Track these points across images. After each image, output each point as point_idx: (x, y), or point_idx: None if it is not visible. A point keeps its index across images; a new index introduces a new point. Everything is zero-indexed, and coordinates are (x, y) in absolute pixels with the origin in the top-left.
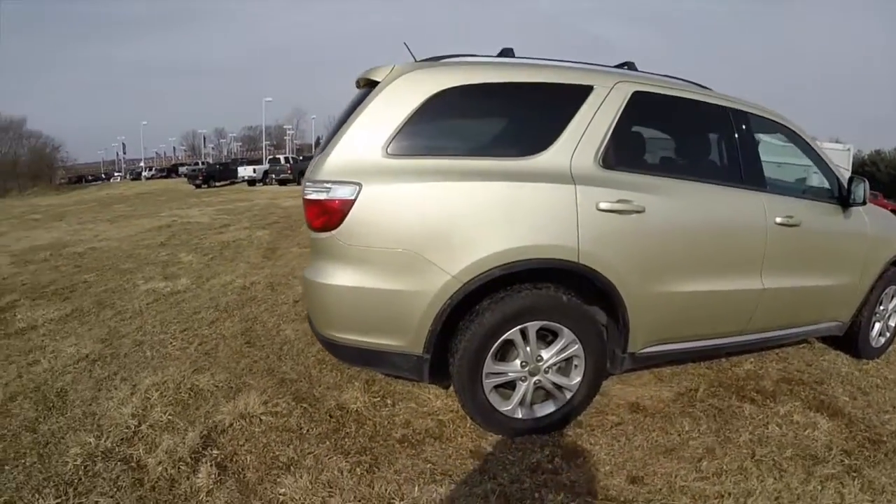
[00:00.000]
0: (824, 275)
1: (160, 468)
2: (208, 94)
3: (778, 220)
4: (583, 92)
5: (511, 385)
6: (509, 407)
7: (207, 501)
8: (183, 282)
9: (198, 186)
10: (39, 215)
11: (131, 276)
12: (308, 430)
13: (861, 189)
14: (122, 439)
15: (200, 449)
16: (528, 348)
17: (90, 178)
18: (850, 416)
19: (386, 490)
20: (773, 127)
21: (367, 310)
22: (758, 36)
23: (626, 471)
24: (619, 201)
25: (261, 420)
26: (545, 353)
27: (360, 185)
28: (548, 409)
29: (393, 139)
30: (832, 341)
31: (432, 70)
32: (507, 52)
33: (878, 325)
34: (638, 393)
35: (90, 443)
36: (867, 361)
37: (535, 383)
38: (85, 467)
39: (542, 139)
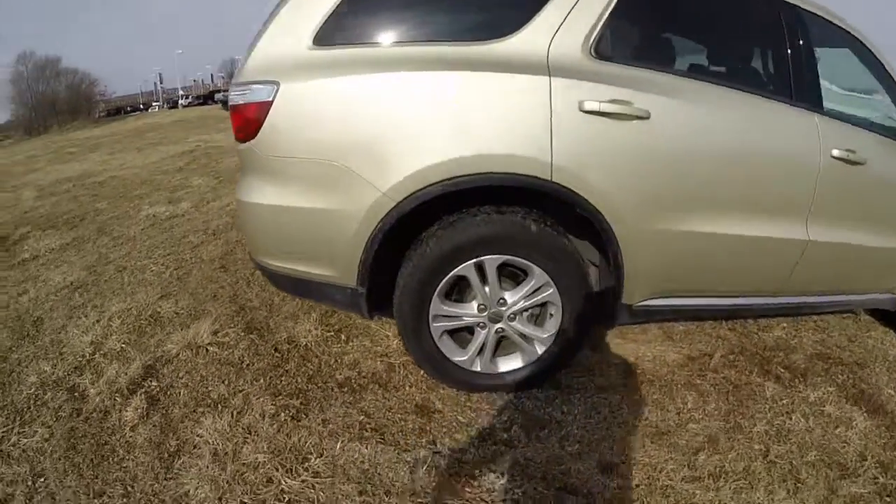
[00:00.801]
0: (889, 234)
1: (98, 399)
2: (245, 19)
3: (836, 153)
4: None
5: (470, 331)
6: (464, 357)
7: (130, 437)
8: (184, 206)
9: None
10: (76, 148)
11: (139, 202)
12: (249, 365)
13: None
14: (74, 368)
15: (140, 380)
16: (486, 289)
17: (129, 109)
18: (893, 416)
19: (304, 443)
20: (835, 35)
21: (291, 233)
22: None
23: (598, 454)
24: (612, 101)
25: (206, 351)
26: (510, 296)
27: (277, 83)
28: (514, 363)
29: (322, 25)
30: (881, 315)
31: None
32: None
33: None
34: (638, 351)
35: (46, 371)
36: None
37: (497, 332)
38: (36, 396)
39: (512, 18)
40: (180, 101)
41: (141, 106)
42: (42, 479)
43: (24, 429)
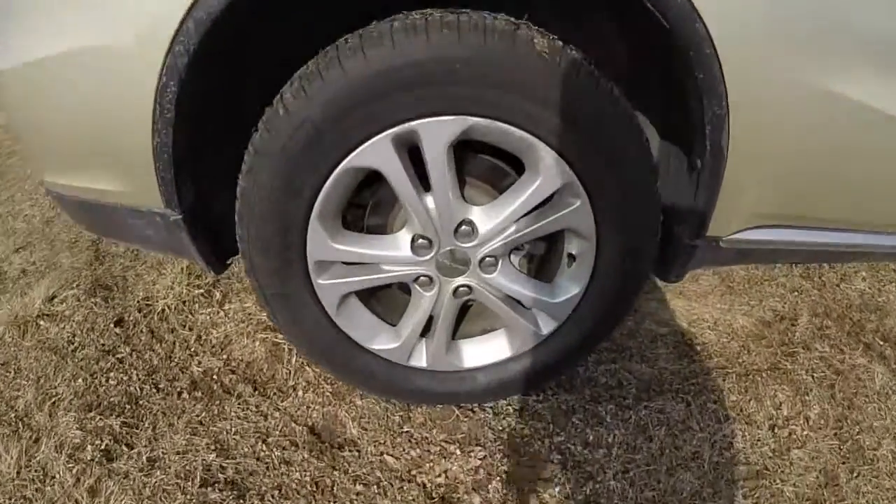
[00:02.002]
0: None
1: None
2: None
3: None
4: None
5: (405, 290)
6: (394, 344)
7: None
8: None
9: None
10: None
11: None
12: (76, 350)
13: None
14: None
15: None
16: (427, 200)
17: None
18: None
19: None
20: None
21: (54, 111)
22: None
23: None
24: None
25: (37, 327)
26: (482, 217)
27: None
28: (493, 352)
29: None
30: None
31: None
32: None
33: None
34: (692, 311)
35: None
36: None
37: (457, 293)
38: None
39: None
40: None
41: None
42: None
43: None
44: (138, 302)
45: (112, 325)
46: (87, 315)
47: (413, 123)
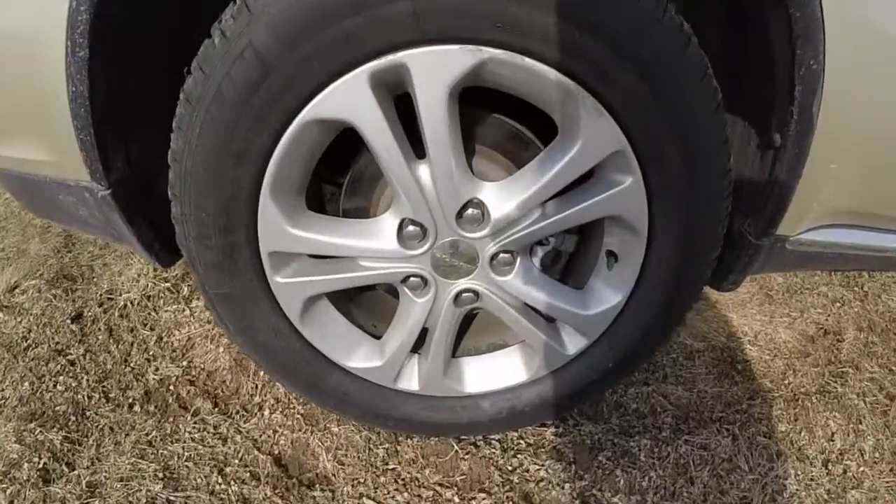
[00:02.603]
0: None
1: None
2: None
3: None
4: None
5: (393, 293)
6: (376, 362)
7: None
8: None
9: None
10: None
11: None
12: (29, 347)
13: None
14: None
15: None
16: (420, 171)
17: None
18: None
19: None
20: None
21: None
22: None
23: None
24: None
25: None
26: (495, 196)
27: None
28: (503, 375)
29: None
30: None
31: None
32: None
33: None
34: (731, 323)
35: None
36: None
37: (459, 299)
38: None
39: None
40: None
41: None
42: None
43: None
44: (101, 295)
45: (69, 321)
46: (46, 308)
47: (401, 54)
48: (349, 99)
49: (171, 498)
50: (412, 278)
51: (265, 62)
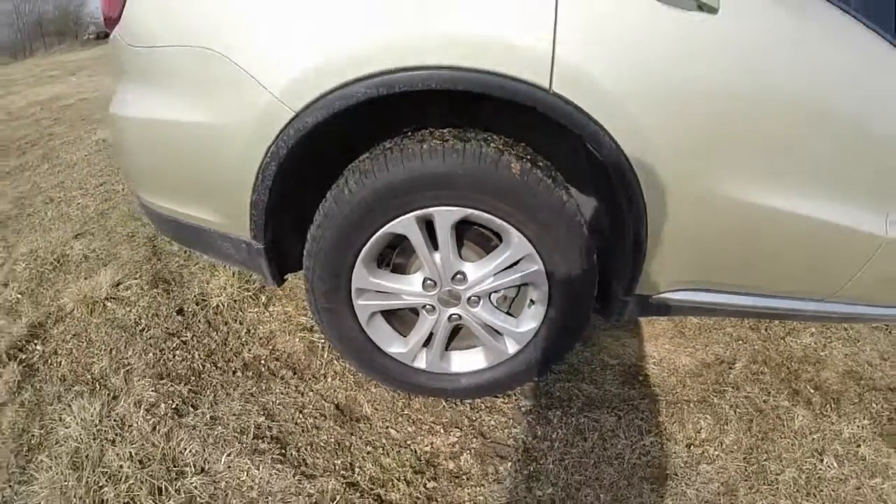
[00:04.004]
0: None
1: None
2: None
3: None
4: None
5: (415, 312)
6: (403, 349)
7: None
8: None
9: None
10: (57, 71)
11: (97, 126)
12: (144, 330)
13: None
14: None
15: (24, 343)
16: (436, 257)
17: None
18: None
19: (183, 450)
20: None
21: (165, 158)
22: None
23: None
24: None
25: (104, 307)
26: (472, 270)
27: None
28: (474, 362)
29: None
30: None
31: None
32: None
33: None
34: (642, 349)
35: None
36: None
37: (452, 318)
38: None
39: None
40: None
41: None
42: None
43: None
44: (195, 296)
45: (174, 313)
46: (151, 303)
47: (431, 209)
48: (406, 226)
49: (270, 425)
50: (427, 306)
51: (370, 207)
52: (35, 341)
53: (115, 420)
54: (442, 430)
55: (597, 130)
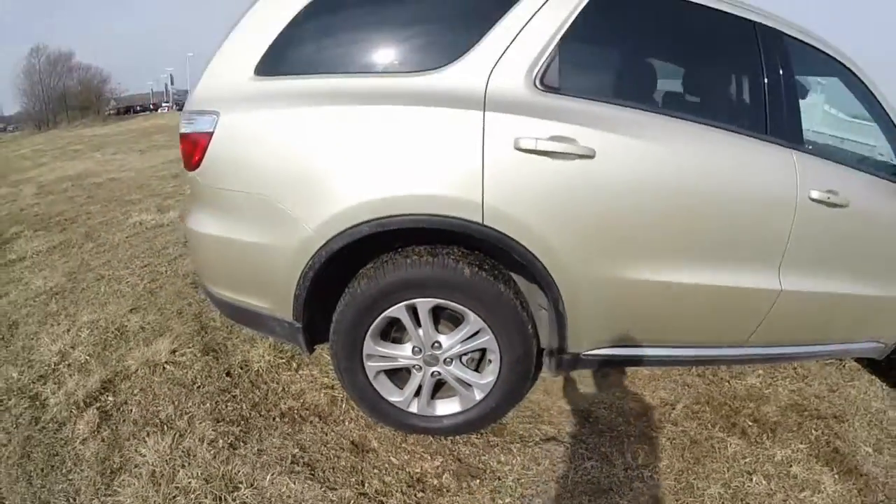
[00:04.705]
0: (870, 280)
1: (56, 409)
2: None
3: (815, 194)
4: None
5: (409, 371)
6: (400, 398)
7: (80, 450)
8: (171, 215)
9: None
10: (81, 146)
11: (130, 208)
12: (199, 387)
13: None
14: (39, 376)
15: (97, 394)
16: (419, 331)
17: (139, 108)
18: (867, 478)
19: (237, 472)
20: (822, 63)
21: (231, 264)
22: None
23: None
24: (553, 138)
25: (163, 369)
26: (445, 340)
27: (217, 114)
28: (452, 407)
29: (266, 54)
30: (868, 363)
31: None
32: None
33: None
34: (594, 397)
35: (13, 377)
36: None
37: (433, 374)
38: (0, 402)
39: (451, 47)
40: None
41: (151, 106)
42: None
43: None
44: (239, 362)
45: (224, 375)
46: (204, 367)
47: (414, 300)
48: (398, 311)
49: (303, 455)
50: (416, 366)
51: (375, 300)
52: (107, 393)
53: (183, 451)
54: (429, 457)
55: (515, 244)
